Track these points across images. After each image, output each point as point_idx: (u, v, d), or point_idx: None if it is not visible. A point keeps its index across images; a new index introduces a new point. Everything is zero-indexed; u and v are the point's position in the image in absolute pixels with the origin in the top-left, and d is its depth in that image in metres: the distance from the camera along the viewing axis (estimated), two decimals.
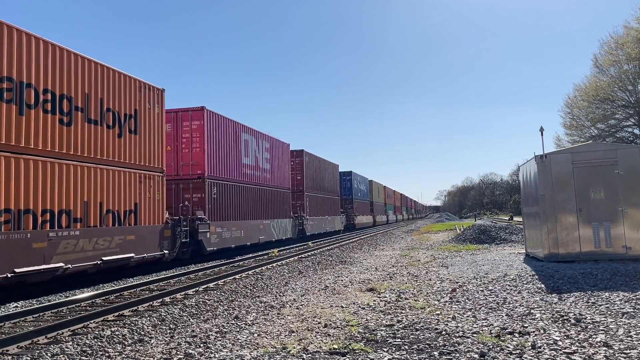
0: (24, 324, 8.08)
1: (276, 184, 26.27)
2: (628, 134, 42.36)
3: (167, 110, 17.98)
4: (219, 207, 19.43)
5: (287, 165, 28.68)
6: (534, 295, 8.58)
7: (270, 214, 24.96)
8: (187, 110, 19.11)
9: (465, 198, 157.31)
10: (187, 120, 19.07)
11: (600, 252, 12.47)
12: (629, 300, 7.75)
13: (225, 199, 20.05)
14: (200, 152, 18.80)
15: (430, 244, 23.85)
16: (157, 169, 15.47)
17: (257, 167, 23.70)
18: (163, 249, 15.18)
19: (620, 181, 12.54)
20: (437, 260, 15.29)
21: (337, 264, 16.06)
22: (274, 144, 26.69)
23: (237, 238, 20.63)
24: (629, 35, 37.70)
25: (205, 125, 18.92)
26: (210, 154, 19.21)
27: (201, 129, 18.84)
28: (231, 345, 6.08)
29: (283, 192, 27.25)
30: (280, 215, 26.35)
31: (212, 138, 19.46)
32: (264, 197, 24.32)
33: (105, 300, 10.16)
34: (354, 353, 5.46)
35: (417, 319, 7.10)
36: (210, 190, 18.82)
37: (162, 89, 15.98)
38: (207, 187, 18.65)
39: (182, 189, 18.69)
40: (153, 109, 15.44)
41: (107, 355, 5.94)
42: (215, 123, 19.79)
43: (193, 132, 18.92)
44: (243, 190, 21.86)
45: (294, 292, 10.31)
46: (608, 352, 5.10)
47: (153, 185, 15.05)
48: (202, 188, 18.52)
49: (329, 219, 36.93)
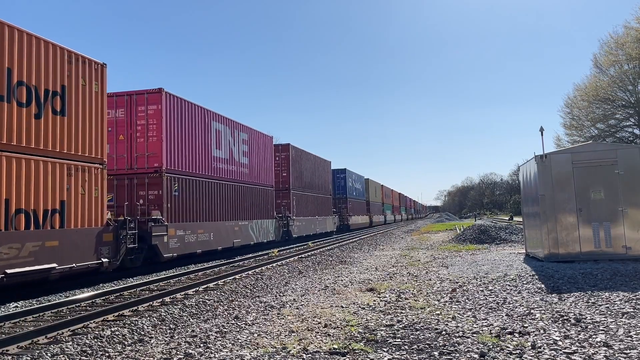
0: (24, 324, 8.08)
1: (256, 181, 23.76)
2: (628, 134, 42.37)
3: (120, 93, 16.35)
4: (181, 206, 16.93)
5: (270, 160, 26.12)
6: (534, 295, 8.58)
7: (249, 214, 22.42)
8: (142, 93, 16.41)
9: (465, 198, 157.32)
10: (143, 104, 16.33)
11: (600, 252, 12.47)
12: (629, 300, 7.75)
13: (189, 197, 17.51)
14: (157, 141, 16.11)
15: (430, 244, 23.86)
16: (96, 159, 12.74)
17: (232, 161, 21.10)
18: (101, 257, 12.40)
19: (620, 181, 12.54)
20: (437, 260, 15.29)
21: (337, 264, 16.06)
22: (254, 136, 23.99)
23: (204, 242, 18.05)
24: (629, 35, 37.70)
25: (164, 111, 16.27)
26: (171, 144, 16.62)
27: (159, 115, 16.13)
28: (231, 345, 6.09)
29: (265, 190, 24.72)
30: (260, 216, 23.80)
31: (173, 125, 16.86)
32: (241, 196, 21.78)
33: (105, 300, 10.16)
34: (354, 353, 5.46)
35: (417, 319, 7.10)
36: (169, 186, 16.25)
37: (102, 63, 13.20)
38: (166, 182, 16.07)
39: (137, 185, 16.13)
40: (89, 86, 12.70)
41: (107, 355, 5.94)
42: (177, 108, 17.20)
43: (149, 118, 16.19)
44: (214, 187, 19.25)
45: (294, 292, 10.31)
46: (608, 352, 5.10)
47: (89, 179, 12.36)
48: (160, 184, 15.90)
49: (320, 220, 34.43)
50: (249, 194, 22.62)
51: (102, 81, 13.17)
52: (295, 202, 29.25)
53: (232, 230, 20.48)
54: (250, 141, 23.45)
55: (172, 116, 16.80)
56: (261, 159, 24.68)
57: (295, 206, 29.21)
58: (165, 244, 15.59)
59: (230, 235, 20.30)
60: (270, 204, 25.37)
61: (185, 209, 17.21)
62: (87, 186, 12.36)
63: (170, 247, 15.88)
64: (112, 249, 12.97)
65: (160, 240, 15.31)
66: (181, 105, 17.49)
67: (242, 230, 21.48)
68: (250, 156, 23.24)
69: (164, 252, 15.48)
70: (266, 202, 24.82)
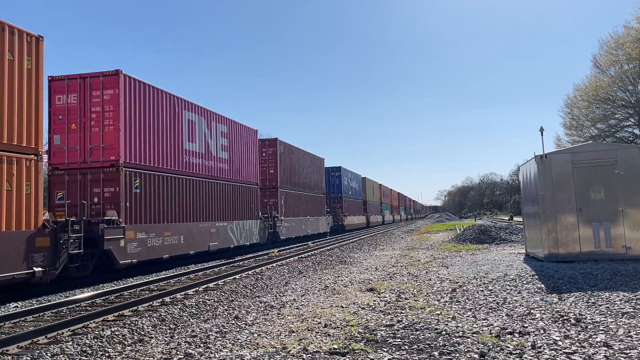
0: (24, 324, 8.08)
1: (238, 178, 21.68)
2: (628, 134, 42.38)
3: (72, 75, 14.52)
4: (144, 205, 14.91)
5: (255, 155, 23.99)
6: (534, 295, 8.58)
7: (229, 214, 20.39)
8: (97, 76, 14.35)
9: (465, 198, 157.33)
10: (98, 88, 14.30)
11: (600, 252, 12.47)
12: (629, 300, 7.75)
13: (155, 194, 15.50)
14: (114, 131, 14.15)
15: (430, 244, 23.86)
16: (28, 149, 10.79)
17: (208, 155, 19.06)
18: (33, 265, 10.46)
19: (620, 181, 12.54)
20: (437, 260, 15.29)
21: (337, 264, 16.07)
22: (235, 128, 21.82)
23: (172, 246, 16.03)
24: (629, 35, 37.70)
25: (123, 96, 14.33)
26: (131, 134, 14.66)
27: (116, 101, 14.16)
28: (231, 345, 6.09)
29: (248, 188, 22.66)
30: (243, 216, 21.79)
31: (135, 113, 14.84)
32: (219, 194, 19.72)
33: (105, 300, 10.16)
34: (354, 353, 5.46)
35: (417, 319, 7.10)
36: (128, 182, 14.30)
37: (38, 36, 11.26)
38: (124, 178, 14.10)
39: (91, 181, 14.06)
40: (20, 62, 10.73)
41: (107, 355, 5.95)
42: (140, 94, 15.17)
43: (105, 104, 14.19)
44: (186, 184, 17.28)
45: (294, 292, 10.31)
46: (608, 352, 5.10)
47: (18, 173, 10.41)
48: (117, 179, 13.93)
49: (311, 220, 32.36)
50: (229, 192, 20.62)
51: (37, 57, 11.20)
52: (284, 202, 27.36)
53: (208, 233, 18.51)
54: (231, 134, 21.33)
55: (133, 102, 14.80)
56: (244, 154, 22.61)
57: (284, 206, 27.33)
58: (122, 248, 13.56)
59: (206, 238, 18.28)
60: (254, 203, 23.35)
61: (149, 209, 15.23)
62: (14, 181, 10.33)
63: (129, 252, 13.88)
64: (48, 256, 10.95)
65: (115, 244, 13.28)
66: (144, 90, 15.40)
67: (220, 232, 19.46)
68: (230, 151, 21.12)
69: (119, 257, 13.40)
70: (250, 201, 22.74)
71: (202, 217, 18.27)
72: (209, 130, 19.37)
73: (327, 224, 36.33)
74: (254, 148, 24.06)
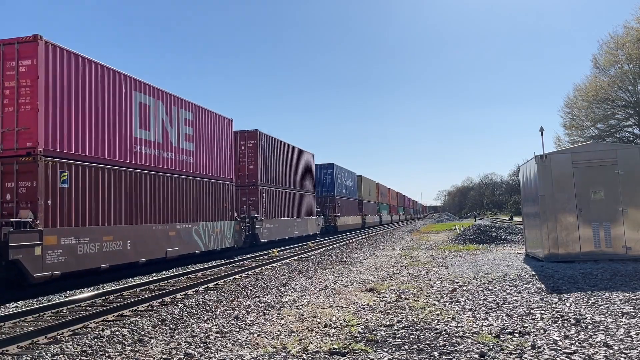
0: (24, 324, 8.08)
1: (207, 173, 18.89)
2: (628, 134, 42.35)
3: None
4: (75, 203, 12.17)
5: (230, 148, 21.08)
6: (534, 295, 8.58)
7: (194, 214, 17.59)
8: (11, 43, 11.51)
9: (465, 198, 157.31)
10: (12, 58, 11.48)
11: (600, 252, 12.47)
12: (629, 300, 7.74)
13: (90, 191, 12.71)
14: (31, 111, 11.33)
15: (430, 244, 23.86)
16: None
17: (167, 146, 16.27)
18: None
19: (620, 181, 12.54)
20: (437, 261, 15.29)
21: (337, 264, 16.07)
22: (203, 116, 18.94)
23: (114, 253, 13.23)
24: (629, 35, 37.68)
25: (44, 68, 11.55)
26: (55, 115, 11.84)
27: (34, 73, 11.37)
28: (231, 345, 6.09)
29: (220, 185, 19.84)
30: (213, 217, 18.97)
31: (61, 91, 12.06)
32: (181, 191, 16.91)
33: (105, 300, 10.16)
34: (354, 353, 5.46)
35: (417, 319, 7.10)
36: (51, 175, 11.53)
37: None
38: (44, 169, 11.33)
39: (2, 174, 11.37)
40: None
41: (107, 355, 5.95)
42: (70, 67, 12.39)
43: (21, 78, 11.42)
44: (135, 178, 14.38)
45: (294, 292, 10.31)
46: (608, 352, 5.10)
47: None
48: (34, 171, 11.19)
49: (299, 221, 29.63)
50: (194, 190, 17.78)
51: None
52: (265, 200, 24.73)
53: (165, 236, 15.61)
54: (198, 123, 18.55)
55: (59, 77, 12.05)
56: (215, 146, 19.76)
57: (265, 205, 24.67)
58: (38, 258, 10.77)
59: (162, 243, 15.41)
60: (228, 202, 20.48)
61: (82, 208, 12.41)
62: None
63: (49, 262, 11.09)
64: None
65: (26, 253, 10.49)
66: (76, 62, 12.62)
67: (181, 235, 16.59)
68: (197, 141, 18.32)
69: (34, 270, 10.62)
70: (222, 200, 19.92)
71: (157, 218, 15.34)
72: (168, 116, 16.47)
73: (317, 225, 33.70)
74: (229, 140, 21.08)
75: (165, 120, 16.36)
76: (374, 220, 56.50)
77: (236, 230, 20.95)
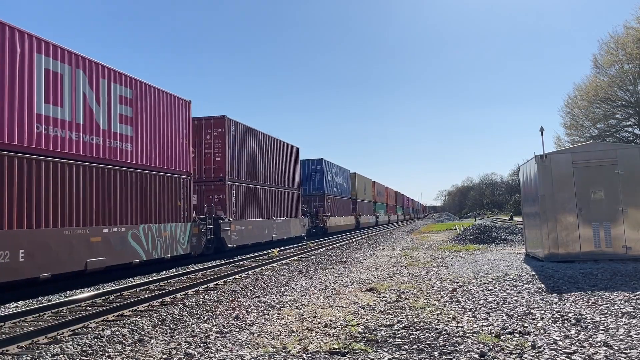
0: (24, 324, 8.08)
1: (152, 164, 15.37)
2: (628, 134, 42.35)
3: None
4: None
5: (184, 135, 17.39)
6: (534, 295, 8.58)
7: (131, 215, 14.13)
8: None
9: (465, 198, 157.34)
10: None
11: (600, 252, 12.47)
12: (629, 300, 7.75)
13: None
14: None
15: (430, 244, 23.86)
16: None
17: (91, 128, 12.97)
18: None
19: (620, 181, 12.54)
20: (437, 260, 15.29)
21: (337, 263, 16.07)
22: (147, 94, 15.42)
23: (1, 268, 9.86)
24: (629, 35, 37.69)
25: None
26: None
27: None
28: (231, 345, 6.09)
29: (171, 179, 16.33)
30: (160, 218, 15.51)
31: None
32: (113, 186, 13.48)
33: (105, 300, 10.16)
34: (354, 353, 5.46)
35: (417, 318, 7.10)
36: None
37: None
38: None
39: None
40: None
41: (107, 355, 5.95)
42: None
43: None
44: (34, 167, 11.11)
45: (294, 292, 10.31)
46: (608, 352, 5.10)
47: None
48: None
49: (279, 222, 26.14)
50: (133, 184, 14.38)
51: None
52: (236, 198, 21.32)
53: (84, 243, 12.22)
54: (140, 102, 15.09)
55: None
56: (165, 132, 16.28)
57: (236, 203, 21.27)
58: None
59: (80, 252, 12.06)
60: (184, 200, 17.08)
61: None
62: None
63: None
64: None
65: None
66: None
67: (111, 241, 13.11)
68: (139, 125, 14.91)
69: None
70: (174, 198, 16.51)
71: (72, 220, 12.06)
72: (93, 91, 13.21)
73: (302, 227, 30.43)
74: (185, 125, 17.57)
75: (88, 96, 13.07)
76: (369, 220, 53.54)
77: (194, 234, 17.52)
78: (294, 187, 29.70)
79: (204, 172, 20.65)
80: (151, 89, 15.77)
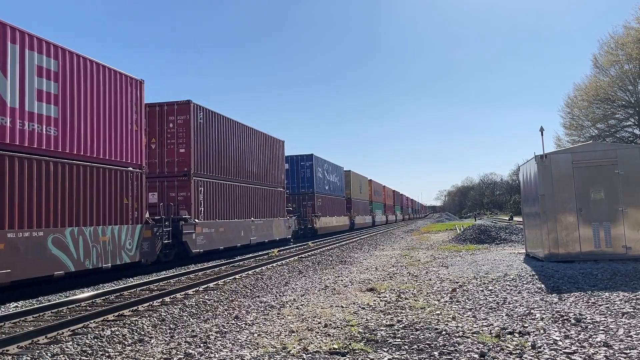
0: (24, 324, 8.08)
1: (85, 153, 12.69)
2: (628, 134, 42.36)
3: None
4: None
5: (134, 121, 14.62)
6: (534, 295, 8.58)
7: (56, 215, 11.58)
8: None
9: (465, 198, 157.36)
10: None
11: (600, 252, 12.47)
12: (629, 300, 7.74)
13: None
14: None
15: (430, 244, 23.86)
16: None
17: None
18: None
19: (620, 181, 12.54)
20: (437, 260, 15.29)
21: (337, 263, 16.07)
22: (78, 68, 12.67)
23: None
24: (629, 35, 37.69)
25: None
26: None
27: None
28: (231, 345, 6.09)
29: (115, 172, 13.68)
30: (97, 220, 12.87)
31: None
32: (27, 179, 10.94)
33: (105, 300, 10.16)
34: (354, 353, 5.46)
35: (417, 319, 7.10)
36: None
37: None
38: None
39: None
40: None
41: (107, 355, 5.94)
42: None
43: None
44: None
45: (294, 292, 10.31)
46: (608, 352, 5.10)
47: None
48: None
49: (259, 224, 23.33)
50: (58, 178, 11.78)
51: None
52: (204, 196, 18.64)
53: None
54: (69, 77, 12.36)
55: None
56: (105, 114, 13.52)
57: (204, 202, 18.59)
58: None
59: None
60: (132, 198, 14.36)
61: None
62: None
63: None
64: None
65: None
66: None
67: (20, 249, 10.48)
68: (66, 105, 12.21)
69: None
70: (118, 195, 13.78)
71: None
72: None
73: (287, 228, 27.62)
74: (135, 109, 14.76)
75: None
76: (366, 221, 50.68)
77: (145, 239, 14.73)
78: (279, 185, 26.97)
79: (166, 166, 18.08)
80: (86, 62, 12.92)
